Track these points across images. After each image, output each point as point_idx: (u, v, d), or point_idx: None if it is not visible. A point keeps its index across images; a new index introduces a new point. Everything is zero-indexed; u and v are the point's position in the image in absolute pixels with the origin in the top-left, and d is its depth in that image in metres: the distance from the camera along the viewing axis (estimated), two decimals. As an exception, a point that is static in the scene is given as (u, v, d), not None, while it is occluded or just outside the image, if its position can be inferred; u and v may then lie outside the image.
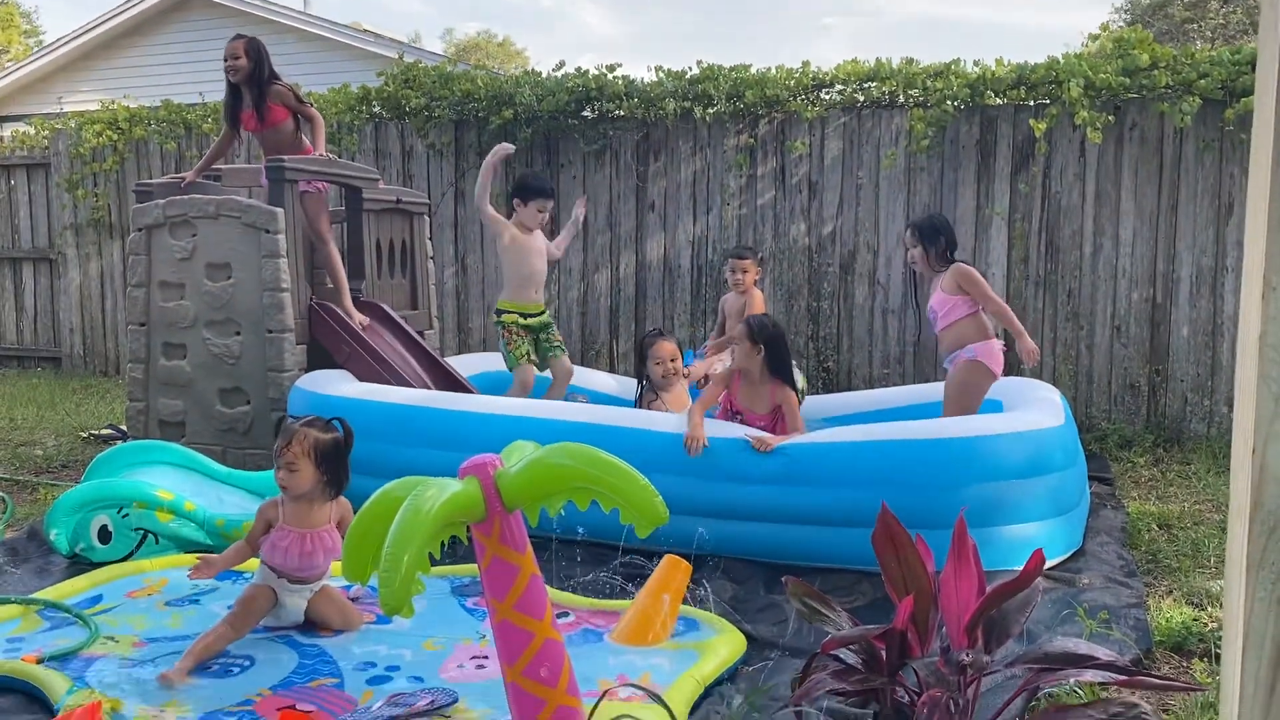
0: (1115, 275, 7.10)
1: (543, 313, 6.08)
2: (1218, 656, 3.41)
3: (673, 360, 5.68)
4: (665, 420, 4.72)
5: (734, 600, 3.97)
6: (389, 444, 4.83)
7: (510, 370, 5.99)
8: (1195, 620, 3.69)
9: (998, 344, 5.20)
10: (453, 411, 5.00)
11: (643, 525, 2.70)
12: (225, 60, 5.99)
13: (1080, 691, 3.01)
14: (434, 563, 2.66)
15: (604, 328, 8.29)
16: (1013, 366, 7.29)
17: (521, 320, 5.95)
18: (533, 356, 5.94)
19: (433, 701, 3.04)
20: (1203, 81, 6.56)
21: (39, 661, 3.30)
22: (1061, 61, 7.00)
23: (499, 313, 6.02)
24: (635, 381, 6.09)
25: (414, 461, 4.08)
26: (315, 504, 3.66)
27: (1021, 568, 2.47)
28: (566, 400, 5.84)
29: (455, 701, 3.05)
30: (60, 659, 3.36)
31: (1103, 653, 2.24)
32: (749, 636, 3.57)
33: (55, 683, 3.11)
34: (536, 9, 67.51)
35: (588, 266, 8.32)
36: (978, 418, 4.61)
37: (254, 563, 4.21)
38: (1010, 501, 4.16)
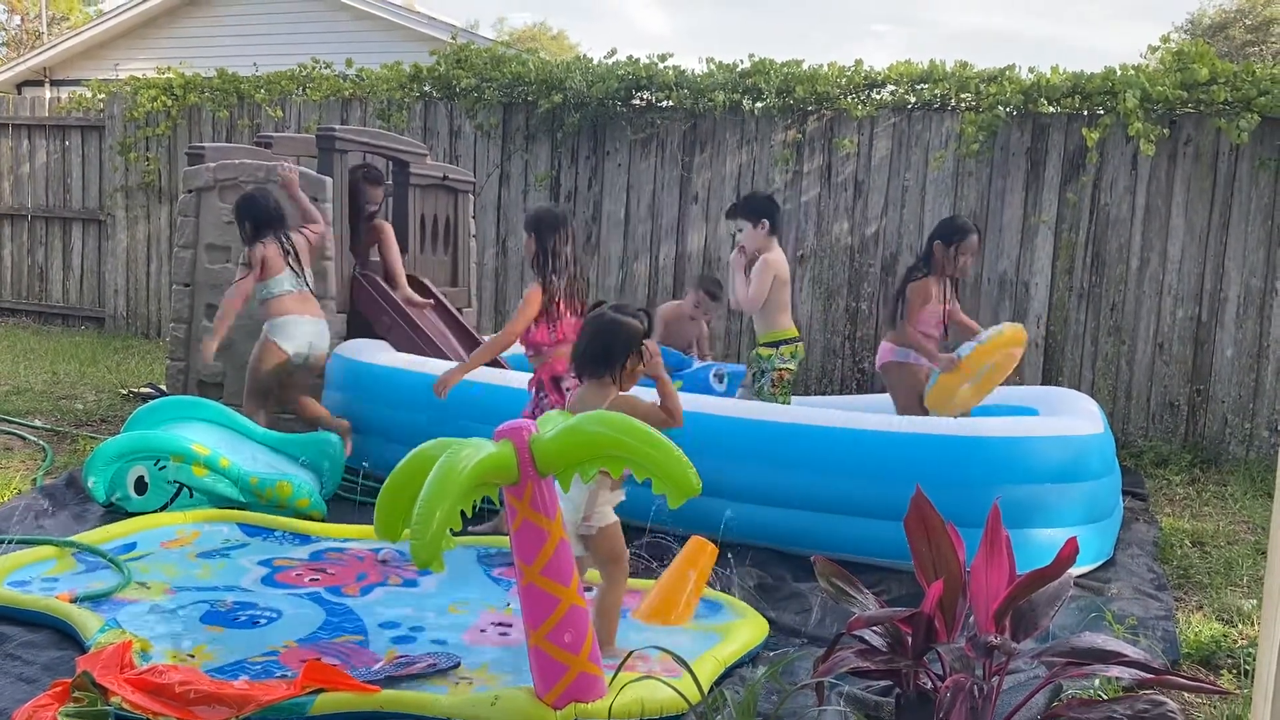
0: (1161, 291, 7.01)
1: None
2: (1247, 672, 3.36)
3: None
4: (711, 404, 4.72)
5: (759, 588, 3.96)
6: (423, 414, 4.86)
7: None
8: (1225, 636, 3.64)
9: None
10: (488, 385, 5.02)
11: (675, 496, 2.71)
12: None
13: (1104, 694, 2.98)
14: (465, 522, 2.68)
15: (641, 317, 8.28)
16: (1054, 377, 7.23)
17: (793, 367, 5.10)
18: (784, 402, 5.08)
19: (433, 664, 3.06)
20: (1263, 99, 6.46)
21: (73, 601, 3.36)
22: (1118, 72, 6.91)
23: (775, 344, 5.09)
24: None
25: (447, 432, 4.10)
26: None
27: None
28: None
29: (456, 666, 3.07)
30: (93, 600, 3.42)
31: (1132, 650, 2.22)
32: (772, 623, 3.57)
33: (88, 621, 3.17)
34: (590, 2, 67.79)
35: (627, 255, 8.32)
36: (1016, 419, 4.57)
37: (304, 525, 4.25)
38: (1044, 504, 4.12)
